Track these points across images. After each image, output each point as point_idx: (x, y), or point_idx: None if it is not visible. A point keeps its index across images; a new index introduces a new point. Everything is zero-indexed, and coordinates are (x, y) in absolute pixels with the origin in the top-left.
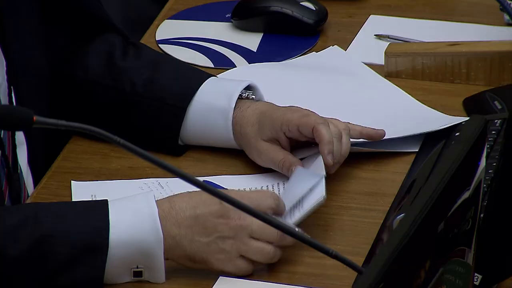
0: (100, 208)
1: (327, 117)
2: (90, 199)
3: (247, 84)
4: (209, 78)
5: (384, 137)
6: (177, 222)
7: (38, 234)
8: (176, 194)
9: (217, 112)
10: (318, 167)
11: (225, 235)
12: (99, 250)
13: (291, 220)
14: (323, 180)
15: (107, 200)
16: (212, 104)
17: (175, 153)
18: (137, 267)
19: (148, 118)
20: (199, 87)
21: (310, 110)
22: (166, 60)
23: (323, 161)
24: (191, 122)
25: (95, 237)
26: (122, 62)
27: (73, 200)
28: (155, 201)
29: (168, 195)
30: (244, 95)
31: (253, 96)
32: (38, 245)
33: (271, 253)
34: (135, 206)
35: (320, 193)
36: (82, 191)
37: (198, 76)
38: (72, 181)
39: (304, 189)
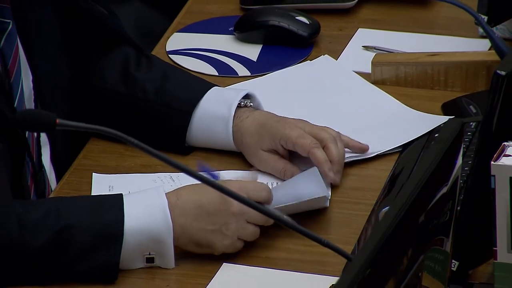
0: (115, 201)
1: (320, 125)
2: (108, 190)
3: (246, 93)
4: (213, 87)
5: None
6: (184, 212)
7: (60, 225)
8: (181, 187)
9: (219, 120)
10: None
11: (228, 221)
12: (115, 239)
13: (285, 203)
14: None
15: (122, 194)
16: (214, 112)
17: (183, 153)
18: (149, 254)
19: (157, 122)
20: (204, 94)
21: (305, 120)
22: (174, 70)
23: (327, 179)
24: (195, 127)
25: (111, 227)
26: (135, 72)
27: (92, 189)
28: (166, 194)
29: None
30: (242, 103)
31: (251, 104)
32: (59, 235)
33: (258, 234)
34: (147, 198)
35: (323, 193)
36: (102, 182)
37: (203, 85)
38: (93, 173)
39: (307, 194)
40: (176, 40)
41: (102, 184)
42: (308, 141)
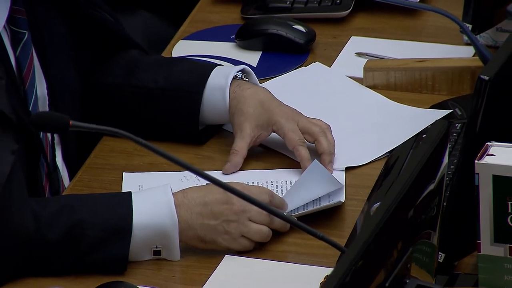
0: (125, 198)
1: (311, 117)
2: (138, 189)
3: (243, 68)
4: (217, 67)
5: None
6: (189, 208)
7: (73, 220)
8: (188, 187)
9: (217, 90)
10: (337, 177)
11: (230, 219)
12: (124, 233)
13: (303, 210)
14: (343, 189)
15: (130, 192)
16: (214, 85)
17: (198, 139)
18: (156, 247)
19: (170, 107)
20: (211, 73)
21: (299, 113)
22: (180, 59)
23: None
24: (205, 104)
25: (120, 222)
26: (143, 65)
27: (122, 188)
28: (172, 192)
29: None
30: (239, 76)
31: (246, 79)
32: (72, 230)
33: (266, 233)
34: (154, 196)
35: (339, 197)
36: (131, 181)
37: (208, 66)
38: (123, 172)
39: (322, 191)
40: (181, 47)
41: (132, 183)
42: (297, 138)
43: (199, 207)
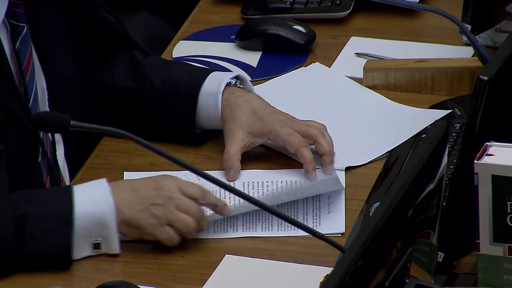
0: (66, 189)
1: (305, 119)
2: None
3: (237, 75)
4: (213, 72)
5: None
6: (120, 193)
7: (14, 215)
8: (123, 179)
9: (209, 95)
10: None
11: (156, 203)
12: (66, 222)
13: (303, 210)
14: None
15: (71, 185)
16: (208, 90)
17: (195, 140)
18: (96, 240)
19: (167, 110)
20: (206, 78)
21: (293, 117)
22: (177, 63)
23: (309, 177)
24: (199, 109)
25: (63, 210)
26: (141, 67)
27: None
28: (108, 182)
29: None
30: (232, 83)
31: (241, 86)
32: (14, 223)
33: (192, 225)
34: (93, 186)
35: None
36: None
37: (204, 70)
38: (125, 172)
39: (323, 190)
40: (182, 48)
41: None
42: (297, 140)
43: (128, 192)
